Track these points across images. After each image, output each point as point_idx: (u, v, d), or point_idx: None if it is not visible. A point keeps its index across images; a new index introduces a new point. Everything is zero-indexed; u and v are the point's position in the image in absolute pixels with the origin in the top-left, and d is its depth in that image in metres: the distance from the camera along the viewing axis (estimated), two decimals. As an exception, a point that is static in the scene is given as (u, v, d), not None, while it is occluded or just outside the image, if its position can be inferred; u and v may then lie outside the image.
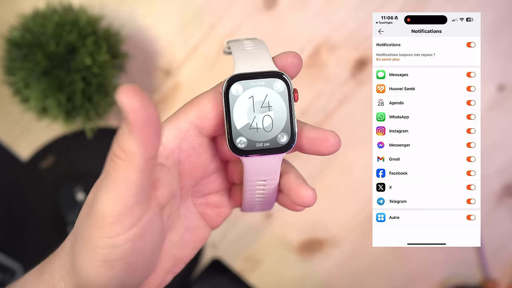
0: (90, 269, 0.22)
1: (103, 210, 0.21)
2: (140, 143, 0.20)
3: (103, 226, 0.21)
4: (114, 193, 0.21)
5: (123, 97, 0.19)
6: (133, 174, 0.21)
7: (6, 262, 0.47)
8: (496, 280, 0.50)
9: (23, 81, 0.41)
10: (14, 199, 0.49)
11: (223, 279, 0.50)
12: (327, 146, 0.25)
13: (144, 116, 0.20)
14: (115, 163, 0.21)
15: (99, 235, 0.22)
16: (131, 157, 0.21)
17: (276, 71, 0.24)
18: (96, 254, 0.22)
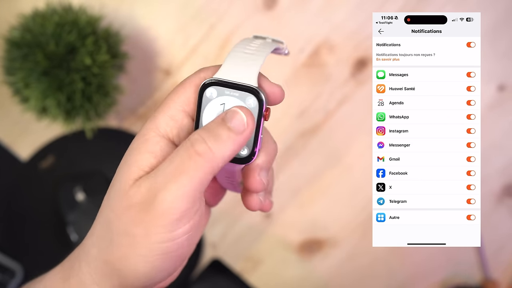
0: (142, 265, 0.23)
1: (171, 208, 0.22)
2: (233, 152, 0.23)
3: (167, 223, 0.22)
4: (187, 190, 0.22)
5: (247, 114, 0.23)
6: (208, 175, 0.22)
7: (5, 262, 0.47)
8: (496, 280, 0.50)
9: (23, 81, 0.41)
10: (14, 199, 0.49)
11: (223, 279, 0.50)
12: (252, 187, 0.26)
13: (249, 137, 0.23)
14: (194, 161, 0.22)
15: (159, 231, 0.22)
16: (216, 159, 0.22)
17: (252, 87, 0.24)
18: (153, 249, 0.23)
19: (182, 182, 0.22)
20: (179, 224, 0.23)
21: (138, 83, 0.49)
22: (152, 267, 0.23)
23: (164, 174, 0.23)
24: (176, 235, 0.23)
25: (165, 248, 0.23)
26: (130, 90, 0.49)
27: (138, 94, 0.50)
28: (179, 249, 0.23)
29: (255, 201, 0.27)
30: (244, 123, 0.23)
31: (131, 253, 0.23)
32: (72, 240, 0.46)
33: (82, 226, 0.46)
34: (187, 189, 0.22)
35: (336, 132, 0.50)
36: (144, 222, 0.22)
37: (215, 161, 0.22)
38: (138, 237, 0.23)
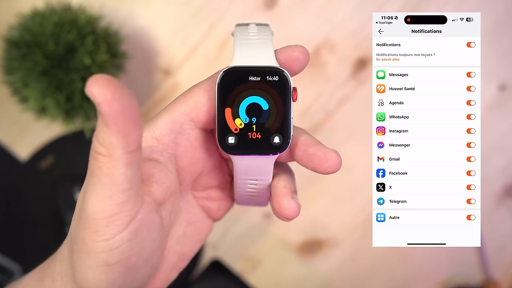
0: (90, 275, 0.21)
1: (94, 212, 0.20)
2: (118, 136, 0.19)
3: (97, 229, 0.20)
4: (102, 193, 0.20)
5: (93, 88, 0.18)
6: (118, 169, 0.20)
7: (4, 262, 0.47)
8: (497, 281, 0.50)
9: (22, 80, 0.41)
10: (13, 199, 0.49)
11: (223, 280, 0.50)
12: (325, 166, 0.23)
13: (118, 107, 0.19)
14: (97, 160, 0.20)
15: (94, 239, 0.21)
16: (112, 152, 0.19)
17: (275, 67, 0.22)
18: (93, 259, 0.21)
19: (94, 184, 0.20)
20: (112, 230, 0.20)
21: (138, 83, 0.49)
22: (100, 279, 0.21)
23: (87, 175, 0.21)
24: (112, 243, 0.21)
25: (105, 259, 0.21)
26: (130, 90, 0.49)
27: (138, 94, 0.50)
28: (123, 260, 0.21)
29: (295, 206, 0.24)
30: (95, 98, 0.18)
31: (79, 262, 0.21)
32: (72, 240, 0.46)
33: (81, 226, 0.46)
34: (101, 191, 0.20)
35: (336, 132, 0.50)
36: (80, 228, 0.21)
37: (112, 154, 0.19)
38: (79, 244, 0.21)
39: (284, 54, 0.23)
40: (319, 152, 0.23)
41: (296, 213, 0.24)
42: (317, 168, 0.23)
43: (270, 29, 0.25)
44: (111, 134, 0.19)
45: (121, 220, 0.21)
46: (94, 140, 0.20)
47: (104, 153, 0.20)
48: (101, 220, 0.20)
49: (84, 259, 0.21)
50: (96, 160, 0.20)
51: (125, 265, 0.21)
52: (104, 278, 0.21)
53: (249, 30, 0.24)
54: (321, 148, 0.23)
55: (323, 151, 0.23)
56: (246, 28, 0.25)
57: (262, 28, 0.25)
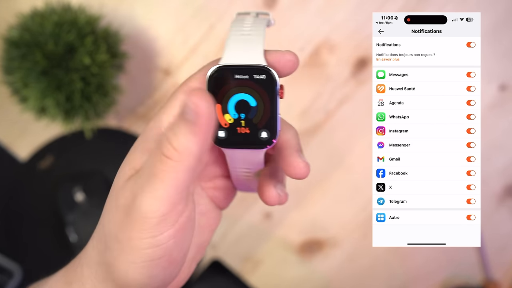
0: (132, 272, 0.22)
1: (148, 212, 0.21)
2: (199, 145, 0.20)
3: (147, 227, 0.21)
4: (161, 194, 0.21)
5: (196, 99, 0.20)
6: (184, 174, 0.21)
7: (4, 263, 0.47)
8: (497, 281, 0.50)
9: (22, 80, 0.41)
10: (13, 200, 0.49)
11: (223, 280, 0.50)
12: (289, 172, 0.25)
13: (212, 121, 0.20)
14: (164, 164, 0.21)
15: (141, 237, 0.21)
16: (184, 157, 0.21)
17: (262, 66, 0.23)
18: (138, 255, 0.22)
19: (155, 185, 0.21)
20: (161, 228, 0.22)
21: (138, 83, 0.49)
22: (141, 273, 0.22)
23: (141, 177, 0.22)
24: (159, 240, 0.22)
25: (151, 255, 0.22)
26: (130, 90, 0.49)
27: (138, 94, 0.50)
28: (166, 255, 0.22)
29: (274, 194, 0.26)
30: (197, 109, 0.20)
31: (121, 259, 0.22)
32: (71, 240, 0.46)
33: (81, 227, 0.46)
34: (161, 192, 0.21)
35: (336, 132, 0.49)
36: (127, 226, 0.22)
37: (185, 159, 0.21)
38: (123, 241, 0.22)
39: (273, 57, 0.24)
40: (289, 158, 0.24)
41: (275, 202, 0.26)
42: (284, 170, 0.25)
43: (267, 20, 0.25)
44: (194, 143, 0.20)
45: (171, 219, 0.22)
46: (166, 145, 0.21)
47: (176, 158, 0.21)
48: (153, 219, 0.21)
49: (128, 255, 0.22)
50: (163, 164, 0.21)
51: (167, 260, 0.23)
52: (146, 272, 0.22)
53: (245, 23, 0.25)
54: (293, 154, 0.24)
55: (292, 158, 0.24)
56: (243, 19, 0.25)
57: (258, 20, 0.25)
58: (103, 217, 0.24)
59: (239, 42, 0.24)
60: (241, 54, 0.23)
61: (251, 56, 0.23)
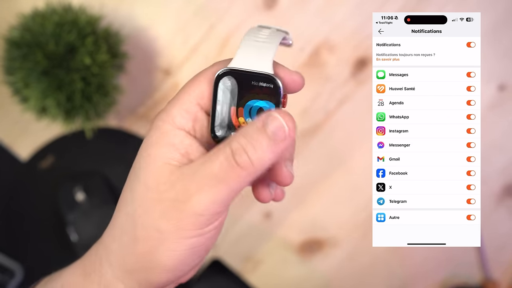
0: (171, 259, 0.23)
1: (204, 210, 0.22)
2: (273, 161, 0.22)
3: (199, 222, 0.23)
4: (222, 198, 0.22)
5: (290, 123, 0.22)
6: (248, 183, 0.22)
7: (5, 262, 0.47)
8: (496, 281, 0.50)
9: (23, 81, 0.41)
10: (14, 199, 0.49)
11: (223, 279, 0.50)
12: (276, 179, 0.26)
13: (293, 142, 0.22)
14: (235, 172, 0.22)
15: (189, 228, 0.23)
16: (254, 170, 0.22)
17: (269, 74, 0.24)
18: (182, 244, 0.23)
19: (220, 190, 0.22)
20: (209, 222, 0.23)
21: (138, 83, 0.49)
22: (180, 260, 0.23)
23: (202, 177, 0.23)
24: (205, 231, 0.23)
25: (194, 243, 0.23)
26: (130, 90, 0.49)
27: (138, 94, 0.50)
28: (207, 242, 0.24)
29: (266, 193, 0.26)
30: (285, 130, 0.22)
31: (160, 247, 0.23)
32: (72, 240, 0.46)
33: (82, 226, 0.46)
34: (224, 197, 0.22)
35: (336, 132, 0.50)
36: (175, 219, 0.23)
37: (255, 171, 0.22)
38: (167, 232, 0.23)
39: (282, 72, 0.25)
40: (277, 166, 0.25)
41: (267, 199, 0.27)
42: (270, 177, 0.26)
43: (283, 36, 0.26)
44: (271, 160, 0.22)
45: (218, 215, 0.23)
46: (241, 154, 0.22)
47: (249, 170, 0.22)
48: (206, 216, 0.23)
49: (169, 244, 0.23)
50: (234, 172, 0.22)
51: (205, 248, 0.24)
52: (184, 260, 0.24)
53: (261, 32, 0.26)
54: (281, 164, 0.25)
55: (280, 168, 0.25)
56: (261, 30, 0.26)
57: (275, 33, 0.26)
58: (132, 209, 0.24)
59: (252, 48, 0.25)
60: (251, 60, 0.24)
61: (260, 63, 0.24)
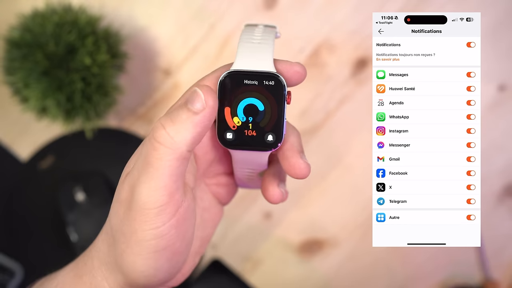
0: (139, 263, 0.23)
1: (146, 203, 0.22)
2: (194, 135, 0.22)
3: (148, 218, 0.22)
4: (156, 184, 0.21)
5: (206, 94, 0.22)
6: (176, 162, 0.21)
7: (5, 262, 0.47)
8: (496, 281, 0.50)
9: (23, 81, 0.41)
10: (14, 199, 0.49)
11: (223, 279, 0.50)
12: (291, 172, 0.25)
13: (212, 118, 0.22)
14: (157, 150, 0.21)
15: (144, 229, 0.22)
16: (178, 146, 0.21)
17: (271, 72, 0.24)
18: (143, 247, 0.23)
19: (150, 174, 0.22)
20: (162, 219, 0.22)
21: (138, 83, 0.49)
22: (149, 265, 0.23)
23: (138, 167, 0.22)
24: (162, 231, 0.22)
25: (155, 245, 0.23)
26: (130, 90, 0.49)
27: (138, 94, 0.50)
28: (170, 246, 0.23)
29: (278, 193, 0.26)
30: (203, 101, 0.22)
31: (127, 251, 0.23)
32: (72, 240, 0.46)
33: (82, 226, 0.46)
34: (156, 181, 0.21)
35: (336, 132, 0.50)
36: (129, 219, 0.22)
37: (177, 146, 0.21)
38: (127, 234, 0.23)
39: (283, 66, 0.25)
40: (292, 159, 0.25)
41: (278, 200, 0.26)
42: (286, 171, 0.26)
43: (275, 32, 0.27)
44: (191, 133, 0.22)
45: (170, 209, 0.22)
46: (160, 131, 0.21)
47: (169, 146, 0.21)
48: (152, 210, 0.22)
49: (133, 248, 0.23)
50: (156, 150, 0.21)
51: (171, 251, 0.23)
52: (152, 264, 0.23)
53: (255, 32, 0.26)
54: (295, 155, 0.25)
55: (295, 159, 0.25)
56: (253, 29, 0.27)
57: (267, 30, 0.27)
58: (110, 212, 0.24)
59: (250, 49, 0.25)
60: (252, 61, 0.25)
61: (261, 63, 0.25)
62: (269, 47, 0.25)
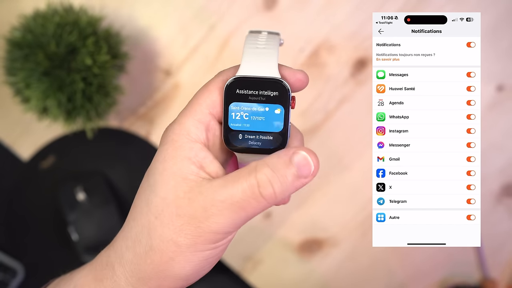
0: (188, 269, 0.24)
1: (219, 230, 0.24)
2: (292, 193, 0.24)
3: (214, 239, 0.24)
4: (239, 221, 0.24)
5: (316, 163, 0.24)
6: (262, 211, 0.24)
7: (7, 261, 0.47)
8: (495, 280, 0.50)
9: (24, 81, 0.41)
10: (15, 199, 0.49)
11: (223, 279, 0.50)
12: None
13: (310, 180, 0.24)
14: (259, 203, 0.23)
15: (205, 243, 0.24)
16: (275, 202, 0.23)
17: (277, 78, 0.25)
18: (197, 256, 0.24)
19: (240, 215, 0.23)
20: (223, 238, 0.24)
21: (139, 83, 0.50)
22: (194, 270, 0.25)
23: (222, 201, 0.23)
24: (218, 245, 0.24)
25: (208, 255, 0.24)
26: (131, 90, 0.49)
27: (139, 94, 0.50)
28: (219, 254, 0.25)
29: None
30: (311, 169, 0.24)
31: (176, 258, 0.24)
32: (73, 239, 0.46)
33: (82, 226, 0.47)
34: (242, 220, 0.24)
35: (336, 132, 0.50)
36: (192, 235, 0.24)
37: (275, 203, 0.24)
38: (184, 246, 0.24)
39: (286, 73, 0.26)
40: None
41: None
42: None
43: (279, 38, 0.27)
44: (292, 192, 0.24)
45: (233, 233, 0.25)
46: (268, 187, 0.23)
47: (271, 202, 0.23)
48: (219, 235, 0.24)
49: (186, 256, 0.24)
50: (258, 203, 0.23)
51: (217, 259, 0.26)
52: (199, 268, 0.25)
53: (259, 38, 0.27)
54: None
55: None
56: (257, 36, 0.27)
57: (271, 37, 0.27)
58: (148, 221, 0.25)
59: (255, 55, 0.26)
60: (257, 67, 0.25)
61: (266, 69, 0.25)
62: (274, 53, 0.26)
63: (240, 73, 0.25)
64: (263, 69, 0.25)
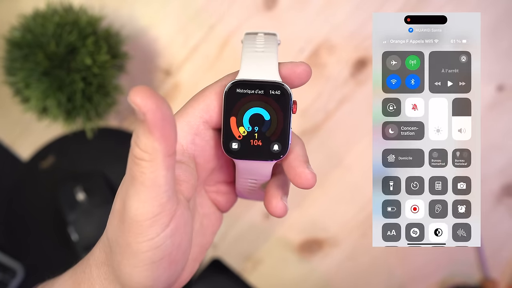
0: (137, 275, 0.23)
1: (138, 215, 0.22)
2: (161, 141, 0.21)
3: (141, 231, 0.22)
4: (145, 196, 0.21)
5: (137, 99, 0.20)
6: (160, 172, 0.21)
7: (7, 262, 0.47)
8: (495, 280, 0.50)
9: (24, 81, 0.41)
10: (15, 199, 0.49)
11: (223, 279, 0.50)
12: (297, 182, 0.25)
13: (161, 115, 0.20)
14: (139, 166, 0.21)
15: (138, 241, 0.22)
16: (154, 157, 0.21)
17: (277, 82, 0.24)
18: (139, 259, 0.22)
19: (137, 188, 0.21)
20: (156, 230, 0.22)
21: (138, 83, 0.50)
22: (146, 276, 0.23)
23: (126, 181, 0.22)
24: (157, 242, 0.22)
25: (151, 257, 0.22)
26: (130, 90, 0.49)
27: (139, 94, 0.50)
28: (166, 256, 0.23)
29: (282, 205, 0.26)
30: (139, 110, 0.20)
31: (124, 263, 0.23)
32: (73, 239, 0.46)
33: (82, 226, 0.46)
34: (144, 194, 0.21)
35: (336, 132, 0.50)
36: (123, 232, 0.22)
37: (156, 157, 0.21)
38: (123, 246, 0.23)
39: (287, 69, 0.25)
40: (298, 169, 0.25)
41: (282, 213, 0.26)
42: (291, 180, 0.25)
43: (277, 39, 0.27)
44: (154, 140, 0.21)
45: (163, 219, 0.22)
46: (134, 148, 0.21)
47: (147, 159, 0.21)
48: (145, 222, 0.22)
49: (129, 260, 0.23)
50: (138, 166, 0.21)
51: (167, 261, 0.23)
52: (150, 275, 0.23)
53: (257, 41, 0.26)
54: (301, 165, 0.25)
55: (301, 169, 0.25)
56: (254, 38, 0.26)
57: (269, 38, 0.27)
58: (107, 222, 0.24)
59: (254, 59, 0.25)
60: (257, 70, 0.25)
61: (266, 72, 0.24)
62: (273, 56, 0.25)
63: (240, 77, 0.24)
64: (263, 73, 0.24)
